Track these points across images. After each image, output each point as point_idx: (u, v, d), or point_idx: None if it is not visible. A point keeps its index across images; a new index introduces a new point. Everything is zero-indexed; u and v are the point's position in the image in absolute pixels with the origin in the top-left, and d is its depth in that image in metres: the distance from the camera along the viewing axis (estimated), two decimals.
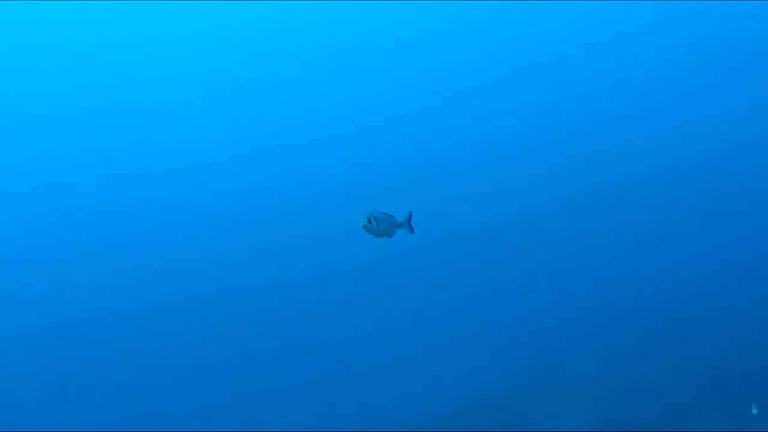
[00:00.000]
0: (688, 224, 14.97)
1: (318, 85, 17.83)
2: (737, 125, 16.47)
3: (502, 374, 11.31)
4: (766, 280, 12.34)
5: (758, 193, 15.38)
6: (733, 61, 17.04)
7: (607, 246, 14.79)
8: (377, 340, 13.12)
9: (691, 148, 16.29)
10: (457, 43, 17.65)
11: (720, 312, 11.78)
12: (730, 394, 9.12)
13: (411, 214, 4.52)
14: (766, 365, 9.58)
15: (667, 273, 13.74)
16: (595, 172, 16.28)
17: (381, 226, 4.31)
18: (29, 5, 15.36)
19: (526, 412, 9.89)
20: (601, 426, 9.12)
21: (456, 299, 13.84)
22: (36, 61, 16.07)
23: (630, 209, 15.64)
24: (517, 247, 15.24)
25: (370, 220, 4.25)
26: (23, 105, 16.03)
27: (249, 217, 16.33)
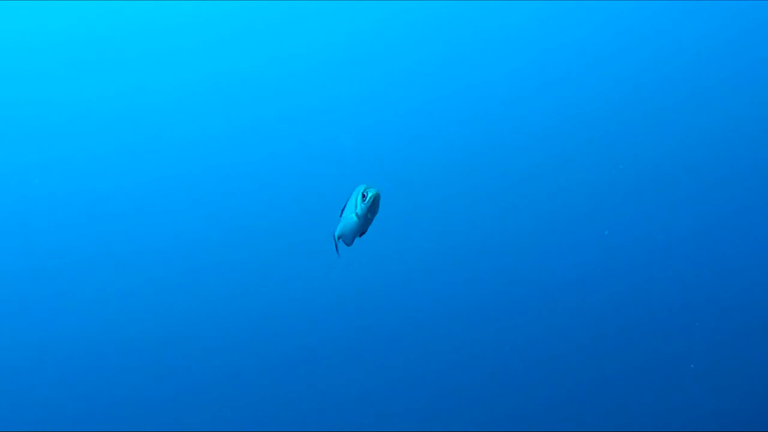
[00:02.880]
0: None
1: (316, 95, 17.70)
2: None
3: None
4: None
5: None
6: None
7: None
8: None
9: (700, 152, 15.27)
10: (456, 45, 17.69)
11: None
12: None
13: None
14: None
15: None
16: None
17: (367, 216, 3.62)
18: (29, 5, 15.41)
19: None
20: None
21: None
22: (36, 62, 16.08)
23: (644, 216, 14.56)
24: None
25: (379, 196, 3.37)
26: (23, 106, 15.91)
27: (251, 221, 16.14)
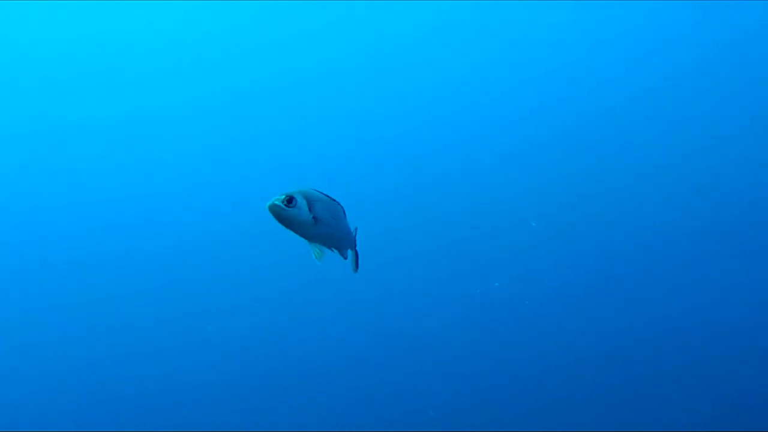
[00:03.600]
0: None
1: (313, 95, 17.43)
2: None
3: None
4: None
5: None
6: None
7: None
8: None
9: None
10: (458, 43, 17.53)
11: None
12: None
13: (356, 229, 2.79)
14: None
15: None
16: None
17: (322, 216, 2.43)
18: (30, 5, 15.34)
19: None
20: None
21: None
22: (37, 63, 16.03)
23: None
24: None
25: (291, 200, 2.32)
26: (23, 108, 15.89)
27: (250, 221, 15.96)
